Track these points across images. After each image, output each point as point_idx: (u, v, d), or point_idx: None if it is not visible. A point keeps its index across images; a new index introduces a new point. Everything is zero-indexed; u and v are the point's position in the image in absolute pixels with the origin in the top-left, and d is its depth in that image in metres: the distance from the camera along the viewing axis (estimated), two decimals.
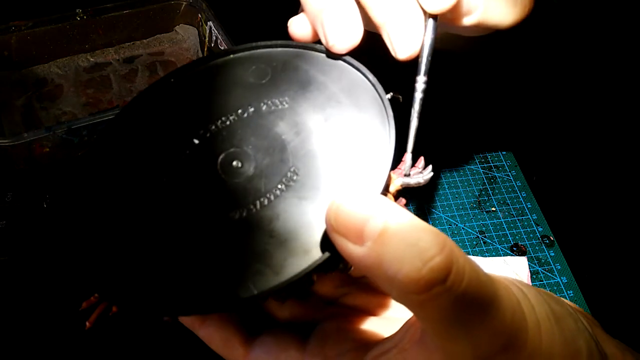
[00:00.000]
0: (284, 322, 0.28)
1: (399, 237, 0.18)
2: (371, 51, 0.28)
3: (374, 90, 0.26)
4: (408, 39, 0.26)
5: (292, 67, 0.28)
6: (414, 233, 0.18)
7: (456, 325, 0.18)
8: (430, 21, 0.26)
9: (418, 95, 0.26)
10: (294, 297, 0.28)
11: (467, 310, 0.18)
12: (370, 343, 0.24)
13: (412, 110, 0.26)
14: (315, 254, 0.22)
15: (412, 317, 0.22)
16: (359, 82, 0.27)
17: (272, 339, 0.25)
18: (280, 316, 0.28)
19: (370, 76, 0.27)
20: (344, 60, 0.27)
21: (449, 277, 0.18)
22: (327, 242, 0.21)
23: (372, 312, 0.28)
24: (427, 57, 0.26)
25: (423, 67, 0.26)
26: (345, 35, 0.26)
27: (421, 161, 0.26)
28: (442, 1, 0.25)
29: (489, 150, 0.60)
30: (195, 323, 0.26)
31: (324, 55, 0.28)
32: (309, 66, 0.28)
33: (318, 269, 0.21)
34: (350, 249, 0.19)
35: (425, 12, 0.26)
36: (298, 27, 0.29)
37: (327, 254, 0.21)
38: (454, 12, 0.27)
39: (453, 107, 0.64)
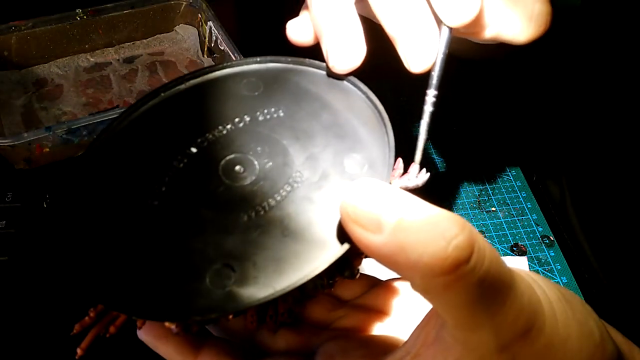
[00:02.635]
0: (280, 352, 0.27)
1: (419, 220, 0.18)
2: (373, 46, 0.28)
3: (366, 99, 0.27)
4: (423, 54, 0.26)
5: (284, 79, 0.29)
6: (433, 216, 0.18)
7: (479, 309, 0.18)
8: (445, 34, 0.26)
9: (428, 109, 0.26)
10: (293, 320, 0.28)
11: (489, 292, 0.18)
12: (380, 356, 0.23)
13: (422, 124, 0.26)
14: (332, 249, 0.21)
15: (424, 320, 0.22)
16: (351, 91, 0.27)
17: None
18: (274, 348, 0.27)
19: (362, 85, 0.27)
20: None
21: (472, 255, 0.17)
22: (343, 237, 0.21)
23: (370, 330, 0.28)
24: (439, 71, 0.26)
25: (435, 81, 0.26)
26: (346, 58, 0.26)
27: (413, 167, 0.26)
28: (462, 16, 0.25)
29: (489, 150, 0.60)
30: (189, 358, 0.25)
31: (313, 69, 0.29)
32: (300, 79, 0.28)
33: (332, 268, 0.21)
34: (370, 238, 0.18)
35: (439, 25, 0.26)
36: (297, 31, 0.29)
37: (346, 246, 0.21)
38: (470, 27, 0.27)
39: (454, 109, 0.64)
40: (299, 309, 0.29)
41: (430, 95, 0.26)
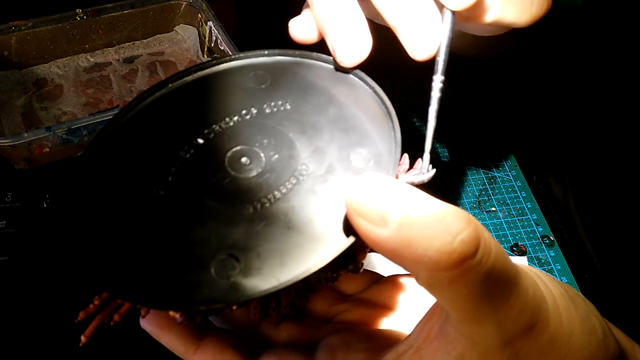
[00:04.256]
0: (282, 344, 0.27)
1: (425, 215, 0.18)
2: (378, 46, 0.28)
3: (374, 93, 0.27)
4: (426, 40, 0.26)
5: (291, 73, 0.29)
6: (439, 210, 0.18)
7: (484, 304, 0.18)
8: (448, 18, 0.26)
9: (436, 95, 0.26)
10: (295, 312, 0.28)
11: (494, 286, 0.18)
12: (382, 350, 0.23)
13: (430, 110, 0.26)
14: (337, 242, 0.21)
15: (427, 314, 0.22)
16: (358, 85, 0.27)
17: (275, 358, 0.25)
18: (277, 339, 0.27)
19: (369, 79, 0.27)
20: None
21: (478, 250, 0.17)
22: (348, 230, 0.21)
23: (373, 324, 0.28)
24: (445, 56, 0.26)
25: (440, 67, 0.26)
26: (353, 51, 0.26)
27: (419, 163, 0.26)
28: None
29: (489, 150, 0.60)
30: (190, 349, 0.25)
31: (320, 63, 0.29)
32: (307, 72, 0.28)
33: (337, 262, 0.21)
34: (375, 232, 0.18)
35: (441, 10, 0.26)
36: (299, 29, 0.29)
37: (352, 239, 0.21)
38: (472, 10, 0.27)
39: (454, 108, 0.64)
40: (302, 303, 0.29)
41: (437, 81, 0.26)
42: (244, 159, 0.25)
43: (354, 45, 0.26)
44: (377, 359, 0.23)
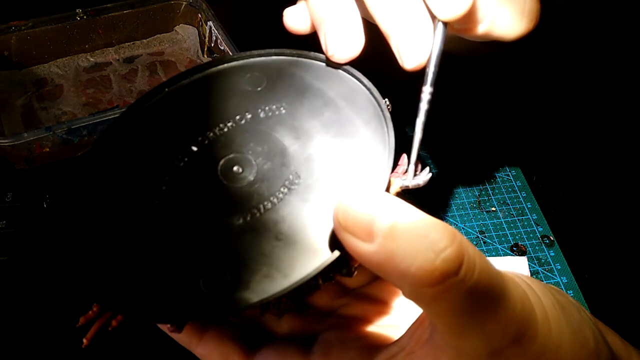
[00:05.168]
0: (283, 336, 0.28)
1: (409, 231, 0.18)
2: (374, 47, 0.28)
3: (370, 95, 0.27)
4: (417, 49, 0.26)
5: (288, 74, 0.28)
6: (423, 226, 0.18)
7: (469, 318, 0.18)
8: (439, 30, 0.26)
9: (423, 106, 0.26)
10: (297, 306, 0.28)
11: (479, 302, 0.18)
12: (375, 349, 0.23)
13: (417, 122, 0.26)
14: (324, 254, 0.21)
15: (419, 318, 0.22)
16: (355, 87, 0.27)
17: (273, 352, 0.25)
18: (278, 331, 0.28)
19: (366, 81, 0.27)
20: (339, 68, 0.28)
21: (461, 267, 0.17)
22: (335, 242, 0.21)
23: (371, 320, 0.28)
24: (435, 67, 0.26)
25: (430, 78, 0.26)
26: (345, 46, 0.26)
27: (403, 158, 0.26)
28: (455, 8, 0.25)
29: (489, 150, 0.60)
30: (193, 341, 0.25)
31: (318, 62, 0.28)
32: (304, 73, 0.28)
33: (326, 270, 0.21)
34: (360, 246, 0.19)
35: (434, 20, 0.26)
36: (294, 19, 0.29)
37: (336, 253, 0.21)
38: (463, 22, 0.27)
39: (453, 107, 0.64)
40: (301, 300, 0.29)
41: (426, 92, 0.26)
42: (236, 168, 0.25)
43: (345, 40, 0.26)
44: (370, 358, 0.23)
